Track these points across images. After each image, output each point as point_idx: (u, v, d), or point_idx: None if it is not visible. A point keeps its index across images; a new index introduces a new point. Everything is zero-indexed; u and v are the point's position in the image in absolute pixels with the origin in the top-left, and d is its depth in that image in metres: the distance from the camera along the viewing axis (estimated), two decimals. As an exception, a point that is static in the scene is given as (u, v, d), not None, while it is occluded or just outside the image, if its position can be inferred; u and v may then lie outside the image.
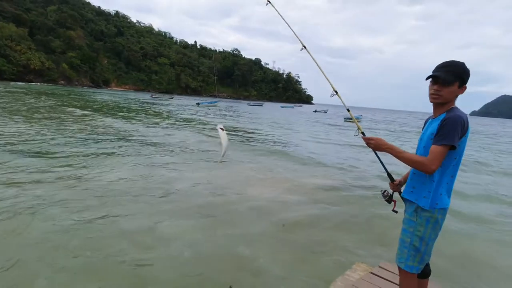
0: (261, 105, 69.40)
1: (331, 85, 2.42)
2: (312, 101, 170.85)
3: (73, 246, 3.42)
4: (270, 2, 2.87)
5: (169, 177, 6.49)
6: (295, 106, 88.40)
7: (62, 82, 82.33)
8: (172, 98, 68.85)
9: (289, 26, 2.86)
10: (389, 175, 2.21)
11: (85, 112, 18.78)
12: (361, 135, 2.13)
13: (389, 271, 2.86)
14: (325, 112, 59.13)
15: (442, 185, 1.81)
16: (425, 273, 2.03)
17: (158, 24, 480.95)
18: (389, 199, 2.15)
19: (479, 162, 12.20)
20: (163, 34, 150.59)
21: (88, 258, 3.25)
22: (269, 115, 35.75)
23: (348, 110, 2.39)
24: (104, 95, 48.39)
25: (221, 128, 2.50)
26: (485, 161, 12.74)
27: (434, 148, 1.73)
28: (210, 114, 28.97)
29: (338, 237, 4.26)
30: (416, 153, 1.93)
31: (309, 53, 2.60)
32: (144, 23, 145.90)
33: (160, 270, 3.15)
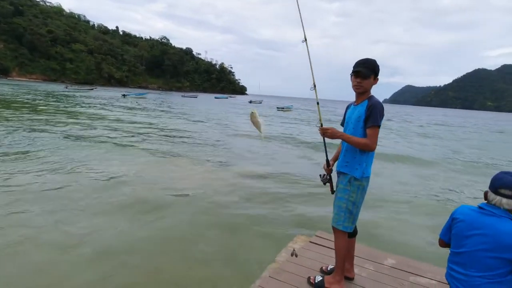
0: (196, 97, 68.24)
1: (313, 78, 2.47)
2: (246, 92, 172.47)
3: None
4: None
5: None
6: (229, 97, 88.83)
7: None
8: (92, 89, 61.27)
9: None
10: (328, 161, 2.52)
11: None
12: (319, 125, 2.34)
13: (325, 239, 3.27)
14: (260, 102, 61.98)
15: (367, 158, 2.25)
16: (354, 232, 2.46)
17: (68, 4, 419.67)
18: (327, 181, 2.46)
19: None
20: (76, 16, 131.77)
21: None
22: (206, 108, 35.24)
23: (317, 103, 2.53)
24: (2, 86, 39.97)
25: (253, 113, 2.72)
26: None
27: (370, 131, 2.16)
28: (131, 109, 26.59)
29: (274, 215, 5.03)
30: (344, 132, 2.33)
31: (307, 47, 2.56)
32: (50, 2, 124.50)
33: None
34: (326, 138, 2.38)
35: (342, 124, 2.48)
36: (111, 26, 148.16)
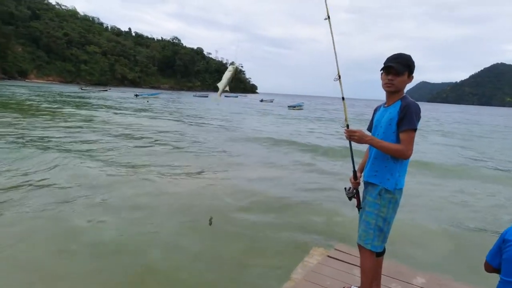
0: (207, 96, 68.91)
1: (337, 67, 2.20)
2: (257, 91, 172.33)
3: None
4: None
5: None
6: (240, 95, 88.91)
7: (-39, 73, 68.12)
8: (106, 90, 62.46)
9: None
10: (355, 172, 2.22)
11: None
12: (345, 127, 2.10)
13: (345, 253, 2.95)
14: (271, 101, 61.70)
15: (401, 167, 1.97)
16: (383, 251, 2.15)
17: (83, 7, 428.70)
18: (353, 196, 2.17)
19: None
20: (90, 19, 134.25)
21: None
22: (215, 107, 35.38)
23: (343, 98, 2.27)
24: (20, 88, 41.17)
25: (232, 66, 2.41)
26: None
27: (405, 135, 1.89)
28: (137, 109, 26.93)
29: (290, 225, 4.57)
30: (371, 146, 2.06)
31: (330, 26, 2.25)
32: (66, 6, 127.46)
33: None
34: (353, 143, 2.08)
35: (370, 129, 2.19)
36: (124, 28, 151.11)
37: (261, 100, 61.30)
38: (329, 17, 2.23)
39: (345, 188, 2.21)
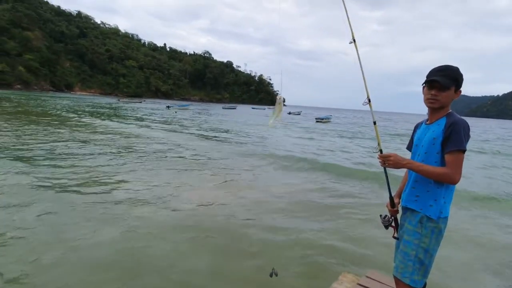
0: (235, 108, 70.57)
1: (366, 91, 2.09)
2: (285, 103, 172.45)
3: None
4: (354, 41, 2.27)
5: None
6: (267, 108, 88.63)
7: (19, 86, 76.14)
8: (141, 102, 66.63)
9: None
10: (392, 199, 2.02)
11: None
12: (378, 152, 1.93)
13: (377, 281, 2.73)
14: (299, 113, 61.59)
15: (446, 192, 1.75)
16: (423, 286, 1.88)
17: (124, 25, 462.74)
18: (390, 224, 2.00)
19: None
20: (130, 36, 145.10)
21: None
22: (240, 119, 35.45)
23: (374, 123, 2.12)
24: (63, 100, 45.25)
25: (279, 97, 2.48)
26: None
27: (452, 157, 1.66)
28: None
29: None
30: (413, 159, 1.85)
31: (356, 50, 2.17)
32: (109, 25, 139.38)
33: None
34: (388, 168, 1.87)
35: (409, 148, 1.97)
36: (159, 43, 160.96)
37: (289, 113, 59.53)
38: (354, 40, 2.12)
39: (381, 216, 2.03)
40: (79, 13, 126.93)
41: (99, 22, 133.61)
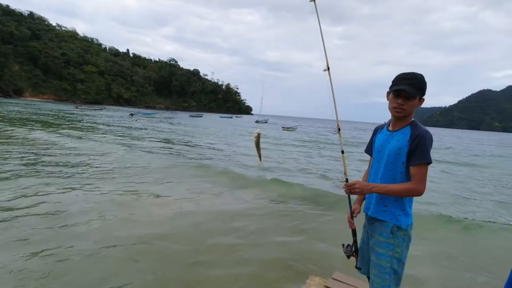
0: (201, 116, 70.83)
1: (337, 119, 2.14)
2: (252, 112, 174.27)
3: None
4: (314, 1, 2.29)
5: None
6: (234, 116, 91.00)
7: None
8: (102, 109, 62.81)
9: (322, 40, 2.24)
10: (351, 211, 2.00)
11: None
12: (344, 181, 1.94)
13: (343, 282, 2.84)
14: (266, 121, 65.36)
15: (411, 200, 1.79)
16: None
17: (82, 29, 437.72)
18: (351, 254, 1.99)
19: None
20: (89, 40, 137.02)
21: None
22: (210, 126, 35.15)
23: (342, 152, 2.16)
24: (7, 106, 41.04)
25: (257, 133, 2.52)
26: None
27: (417, 170, 1.67)
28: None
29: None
30: (374, 165, 1.88)
31: (329, 77, 2.17)
32: (66, 27, 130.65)
33: None
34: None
35: (368, 152, 1.99)
36: (122, 49, 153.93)
37: (257, 121, 62.79)
38: (328, 68, 2.13)
39: (343, 245, 2.04)
40: (31, 14, 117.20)
41: (54, 24, 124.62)
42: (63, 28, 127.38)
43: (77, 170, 7.83)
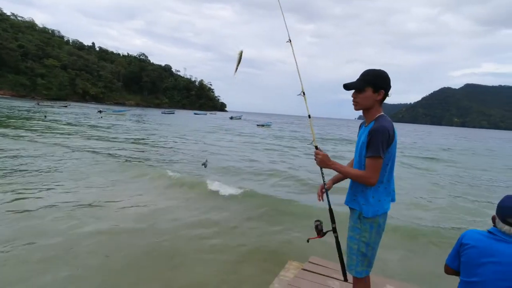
0: (173, 113, 70.32)
1: (301, 83, 2.21)
2: (226, 109, 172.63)
3: None
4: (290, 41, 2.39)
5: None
6: (208, 113, 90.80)
7: None
8: (66, 106, 58.57)
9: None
10: (324, 183, 2.10)
11: None
12: (313, 145, 2.08)
13: (319, 265, 3.03)
14: (240, 118, 65.89)
15: (380, 191, 1.85)
16: None
17: (41, 19, 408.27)
18: (320, 232, 2.06)
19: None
20: (49, 31, 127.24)
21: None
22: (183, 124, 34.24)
23: (309, 116, 2.23)
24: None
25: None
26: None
27: (369, 161, 1.78)
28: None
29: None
30: (354, 160, 2.00)
31: (292, 48, 2.34)
32: (22, 17, 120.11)
33: None
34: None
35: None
36: (87, 42, 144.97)
37: (231, 118, 63.64)
38: (290, 40, 2.31)
39: (316, 221, 2.14)
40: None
41: (8, 13, 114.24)
42: (19, 18, 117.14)
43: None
